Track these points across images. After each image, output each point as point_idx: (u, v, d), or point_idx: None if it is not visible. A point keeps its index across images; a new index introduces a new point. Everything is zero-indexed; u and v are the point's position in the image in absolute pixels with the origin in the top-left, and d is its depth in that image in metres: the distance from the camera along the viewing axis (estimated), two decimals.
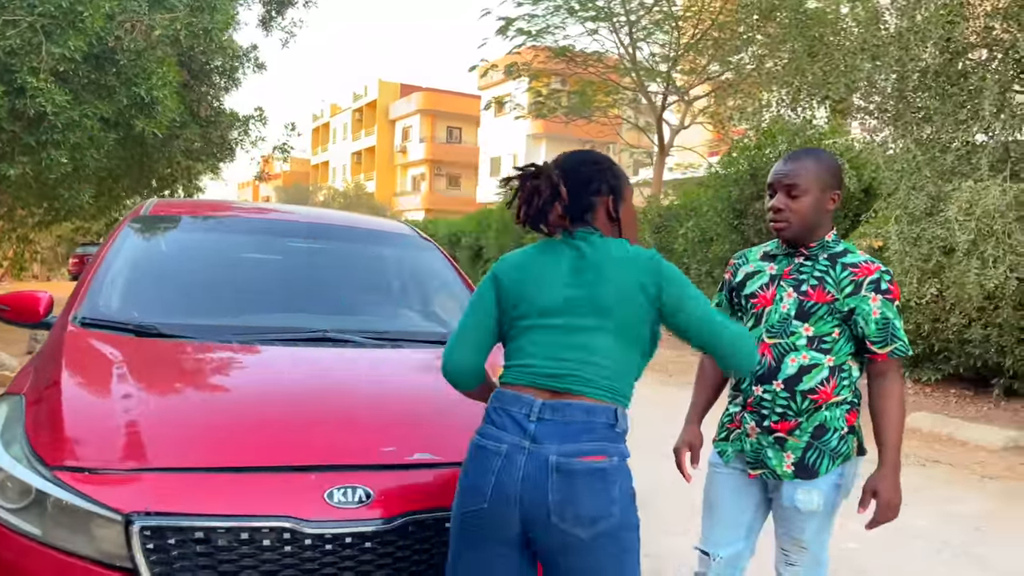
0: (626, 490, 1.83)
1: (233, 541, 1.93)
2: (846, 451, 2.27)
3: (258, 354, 2.70)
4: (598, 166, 1.99)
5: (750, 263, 2.43)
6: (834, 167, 2.28)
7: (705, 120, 18.16)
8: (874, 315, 2.20)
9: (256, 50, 12.76)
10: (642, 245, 2.00)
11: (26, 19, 8.50)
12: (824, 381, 2.22)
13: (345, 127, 60.29)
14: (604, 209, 1.97)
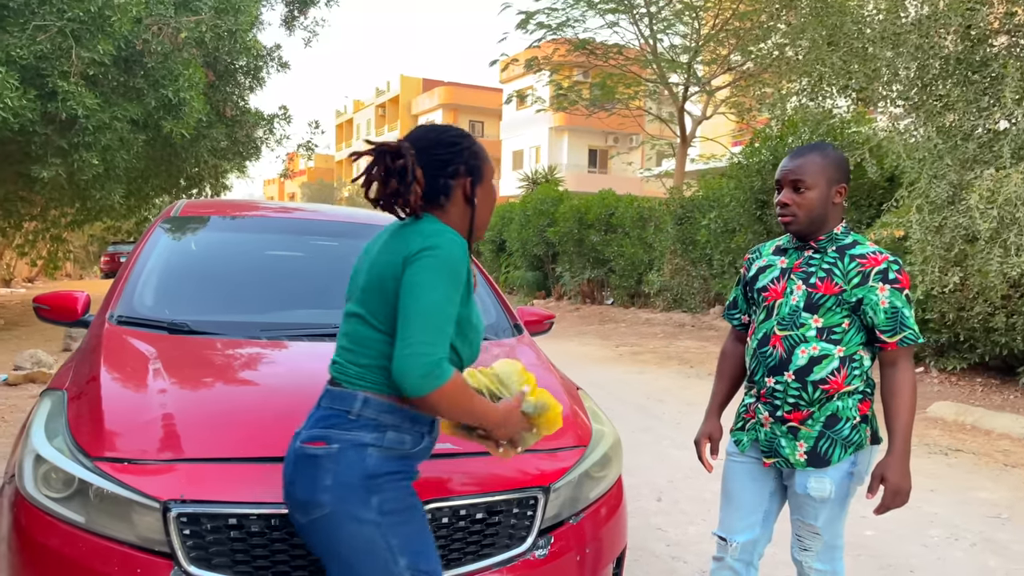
0: (346, 480, 1.71)
1: (264, 527, 2.02)
2: (859, 440, 2.32)
3: (285, 349, 2.81)
4: (456, 146, 1.87)
5: (763, 257, 2.49)
6: (839, 161, 2.33)
7: (727, 110, 18.07)
8: (882, 304, 2.24)
9: (279, 49, 12.92)
10: (485, 232, 2.08)
11: (56, 24, 8.72)
12: (835, 371, 2.27)
13: (368, 123, 60.61)
14: (461, 191, 1.88)
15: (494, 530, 2.25)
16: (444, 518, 2.17)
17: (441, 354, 1.67)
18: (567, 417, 2.67)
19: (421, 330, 1.66)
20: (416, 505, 1.84)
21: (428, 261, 1.70)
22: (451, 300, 1.71)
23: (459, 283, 1.73)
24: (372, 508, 1.71)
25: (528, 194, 21.66)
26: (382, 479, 1.74)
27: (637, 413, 7.13)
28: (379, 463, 1.74)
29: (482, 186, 1.91)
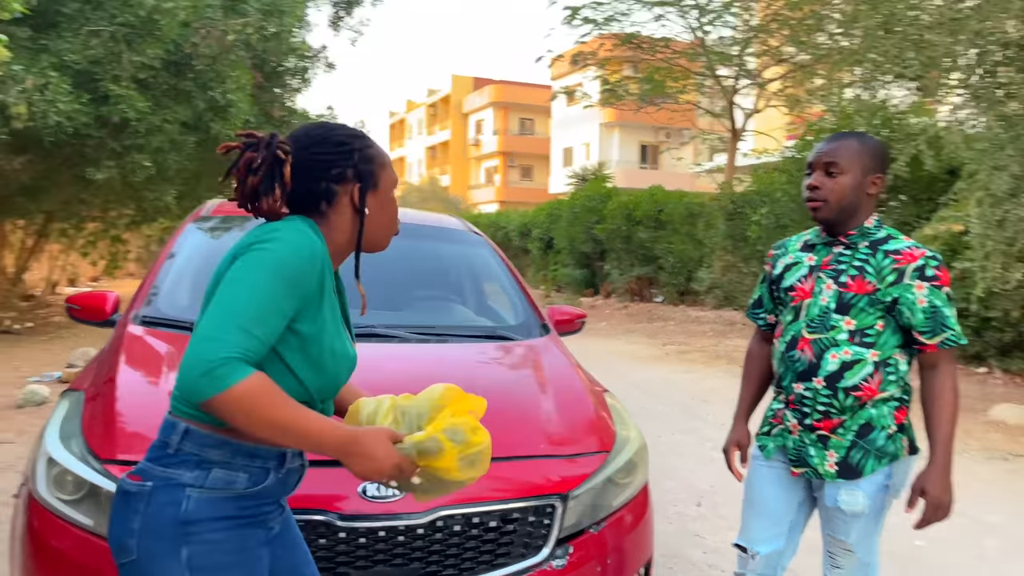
0: (154, 526, 1.43)
1: None
2: (894, 450, 2.16)
3: None
4: (344, 147, 1.60)
5: (789, 253, 2.33)
6: (878, 150, 2.18)
7: (780, 103, 17.62)
8: (920, 304, 2.08)
9: (326, 50, 13.06)
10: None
11: (108, 29, 8.92)
12: (868, 377, 2.12)
13: (420, 122, 61.07)
14: (348, 198, 1.59)
15: (509, 539, 2.17)
16: (456, 526, 2.10)
17: (231, 352, 1.32)
18: (591, 421, 2.59)
19: (213, 325, 1.35)
20: (244, 564, 1.49)
21: (253, 256, 1.43)
22: (272, 301, 1.40)
23: (293, 287, 1.43)
24: (181, 562, 1.41)
25: (576, 191, 21.50)
26: (199, 526, 1.43)
27: (681, 414, 6.97)
28: (198, 507, 1.43)
29: (375, 195, 1.62)
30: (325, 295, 1.54)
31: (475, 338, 3.08)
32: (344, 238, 1.62)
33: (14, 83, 7.58)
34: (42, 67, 8.05)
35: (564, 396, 2.68)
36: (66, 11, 8.98)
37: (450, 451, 1.52)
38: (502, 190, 48.49)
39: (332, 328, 1.56)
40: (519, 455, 2.32)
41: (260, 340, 1.38)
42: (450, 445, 1.52)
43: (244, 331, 1.36)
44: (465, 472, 1.57)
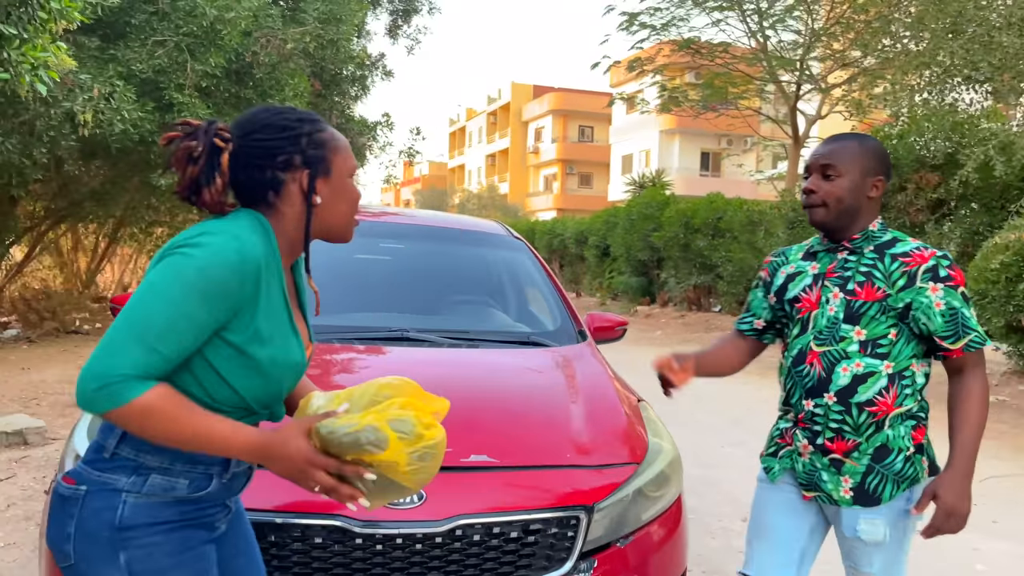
0: (89, 531, 1.39)
1: (286, 538, 1.97)
2: (913, 474, 2.02)
3: (334, 353, 2.76)
4: (288, 132, 1.48)
5: (790, 263, 2.19)
6: (879, 152, 2.06)
7: (844, 109, 17.15)
8: (937, 307, 1.95)
9: (384, 58, 13.21)
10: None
11: (173, 39, 9.18)
12: (883, 391, 1.97)
13: (480, 130, 61.47)
14: (298, 186, 1.48)
15: (530, 550, 2.11)
16: (476, 535, 2.05)
17: (127, 370, 1.28)
18: (622, 431, 2.50)
19: (115, 338, 1.30)
20: (187, 563, 1.44)
21: (172, 261, 1.35)
22: (183, 315, 1.32)
23: (212, 299, 1.34)
24: (119, 567, 1.37)
25: (633, 198, 21.29)
26: (137, 532, 1.39)
27: (732, 426, 6.79)
28: (134, 513, 1.39)
29: (327, 181, 1.50)
30: (261, 300, 1.43)
31: (508, 343, 3.03)
32: (299, 229, 1.51)
33: (81, 92, 7.85)
34: (108, 76, 8.32)
35: (595, 405, 2.60)
36: (134, 22, 9.28)
37: (395, 444, 1.36)
38: (560, 197, 48.42)
39: (272, 334, 1.45)
40: (544, 464, 2.26)
41: (164, 356, 1.32)
42: (395, 436, 1.36)
43: (146, 347, 1.30)
44: (414, 472, 1.40)
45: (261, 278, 1.42)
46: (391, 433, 1.36)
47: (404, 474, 1.40)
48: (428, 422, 1.41)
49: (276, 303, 1.47)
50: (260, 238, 1.44)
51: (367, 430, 1.36)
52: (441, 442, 1.44)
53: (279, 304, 1.48)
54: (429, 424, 1.41)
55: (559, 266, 24.51)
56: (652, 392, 2.98)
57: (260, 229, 1.46)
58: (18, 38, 4.82)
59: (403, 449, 1.37)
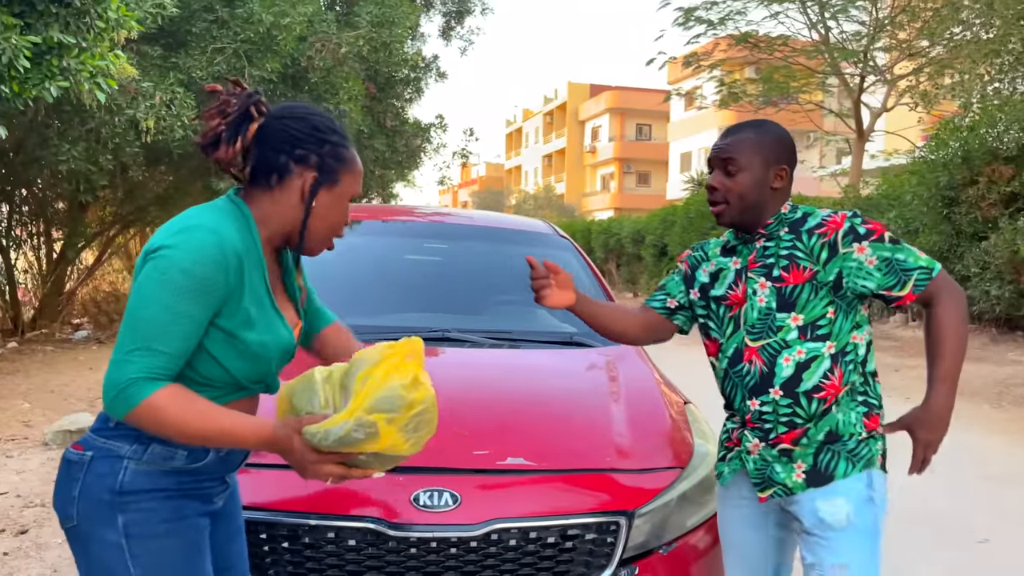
0: (93, 494, 1.47)
1: (319, 540, 1.95)
2: (868, 455, 1.90)
3: None
4: (319, 133, 1.55)
5: (711, 260, 2.08)
6: (779, 138, 1.96)
7: (911, 100, 16.53)
8: (870, 264, 1.85)
9: (437, 60, 13.27)
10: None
11: (231, 46, 9.38)
12: (827, 373, 1.87)
13: (536, 131, 61.47)
14: (300, 184, 1.54)
15: (568, 556, 2.05)
16: (512, 540, 2.00)
17: (135, 373, 1.37)
18: (666, 434, 2.43)
19: (120, 347, 1.40)
20: (180, 531, 1.51)
21: (155, 265, 1.41)
22: (175, 314, 1.39)
23: (200, 294, 1.41)
24: (117, 529, 1.46)
25: (691, 196, 20.97)
26: (135, 496, 1.47)
27: None
28: (134, 479, 1.47)
29: (330, 193, 1.56)
30: (246, 287, 1.49)
31: (551, 344, 2.98)
32: (282, 224, 1.56)
33: (144, 99, 8.07)
34: (169, 84, 8.54)
35: (638, 406, 2.53)
36: (194, 30, 9.51)
37: (386, 428, 1.34)
38: (617, 197, 48.06)
39: (258, 317, 1.51)
40: (583, 467, 2.20)
41: (168, 354, 1.40)
42: (384, 420, 1.33)
43: (148, 350, 1.38)
44: (415, 442, 1.39)
45: (243, 267, 1.48)
46: (378, 419, 1.34)
47: (407, 448, 1.40)
48: (411, 381, 1.37)
49: (258, 289, 1.53)
50: (237, 229, 1.49)
51: (354, 428, 1.34)
52: (430, 398, 1.40)
53: (261, 290, 1.54)
54: (414, 383, 1.38)
55: (616, 266, 24.29)
56: (701, 394, 2.89)
57: (239, 219, 1.52)
58: (77, 47, 4.96)
59: (396, 429, 1.36)
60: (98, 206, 11.91)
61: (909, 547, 3.98)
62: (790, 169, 1.96)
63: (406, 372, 1.38)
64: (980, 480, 5.18)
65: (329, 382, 1.44)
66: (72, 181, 8.91)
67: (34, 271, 11.46)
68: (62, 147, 8.00)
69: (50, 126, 8.21)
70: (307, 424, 1.38)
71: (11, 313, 10.47)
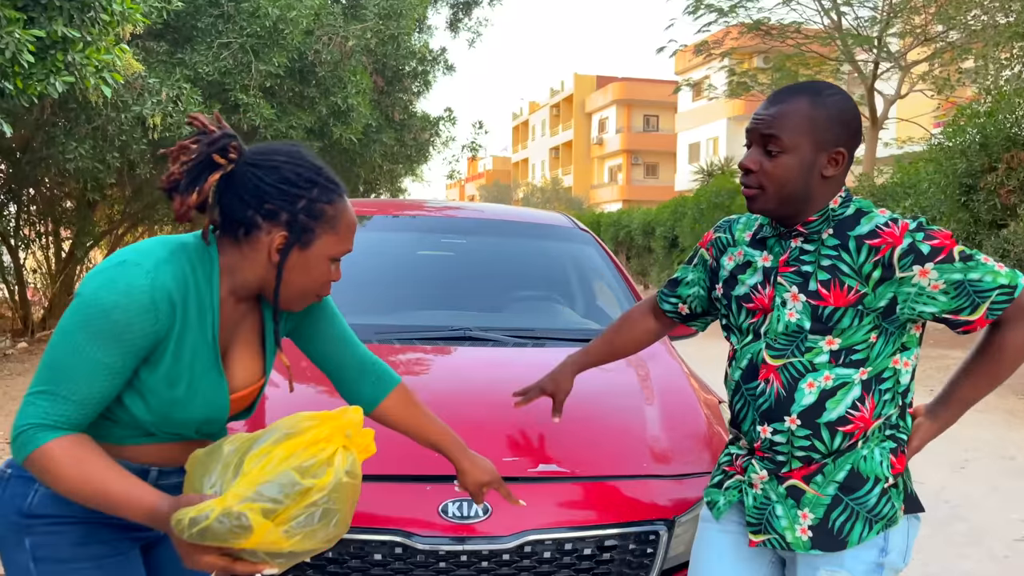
0: (6, 514, 1.40)
1: (342, 554, 1.85)
2: (890, 512, 1.57)
3: (395, 355, 2.63)
4: (291, 187, 1.34)
5: (738, 246, 1.73)
6: (841, 112, 1.56)
7: (926, 87, 16.30)
8: (934, 289, 1.50)
9: (445, 53, 13.14)
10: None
11: (237, 41, 9.27)
12: (857, 403, 1.55)
13: (543, 123, 61.23)
14: (268, 242, 1.36)
15: (605, 568, 1.94)
16: (546, 552, 1.89)
17: (32, 419, 1.25)
18: (703, 436, 2.31)
19: (31, 386, 1.29)
20: (91, 556, 1.41)
21: (79, 302, 1.29)
22: (85, 360, 1.26)
23: (113, 341, 1.26)
24: (26, 551, 1.39)
25: (702, 187, 20.79)
26: (41, 520, 1.38)
27: None
28: (43, 502, 1.38)
29: (304, 254, 1.37)
30: (174, 337, 1.33)
31: (576, 342, 2.85)
32: (251, 279, 1.40)
33: (150, 95, 7.98)
34: (176, 80, 8.44)
35: (673, 407, 2.41)
36: (200, 26, 9.41)
37: (262, 524, 1.12)
38: (625, 188, 47.87)
39: (182, 373, 1.36)
40: (619, 474, 2.09)
41: (73, 401, 1.27)
42: (260, 511, 1.11)
43: (51, 394, 1.27)
44: (306, 537, 1.16)
45: (176, 315, 1.33)
46: (253, 510, 1.13)
47: (291, 546, 1.17)
48: (317, 463, 1.17)
49: (197, 341, 1.37)
50: (187, 272, 1.35)
51: (219, 519, 1.13)
52: (339, 486, 1.20)
53: (201, 342, 1.38)
54: (320, 465, 1.18)
55: (626, 258, 24.16)
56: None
57: (197, 262, 1.37)
58: (82, 41, 4.86)
59: (273, 525, 1.14)
60: (106, 204, 11.85)
61: (948, 544, 3.87)
62: (849, 152, 1.57)
63: (318, 451, 1.19)
64: (1015, 475, 5.05)
65: (235, 454, 1.24)
66: (80, 179, 8.83)
67: (43, 270, 11.41)
68: (69, 145, 7.92)
69: (56, 124, 8.12)
70: (183, 507, 1.20)
71: (21, 313, 10.42)
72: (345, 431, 1.24)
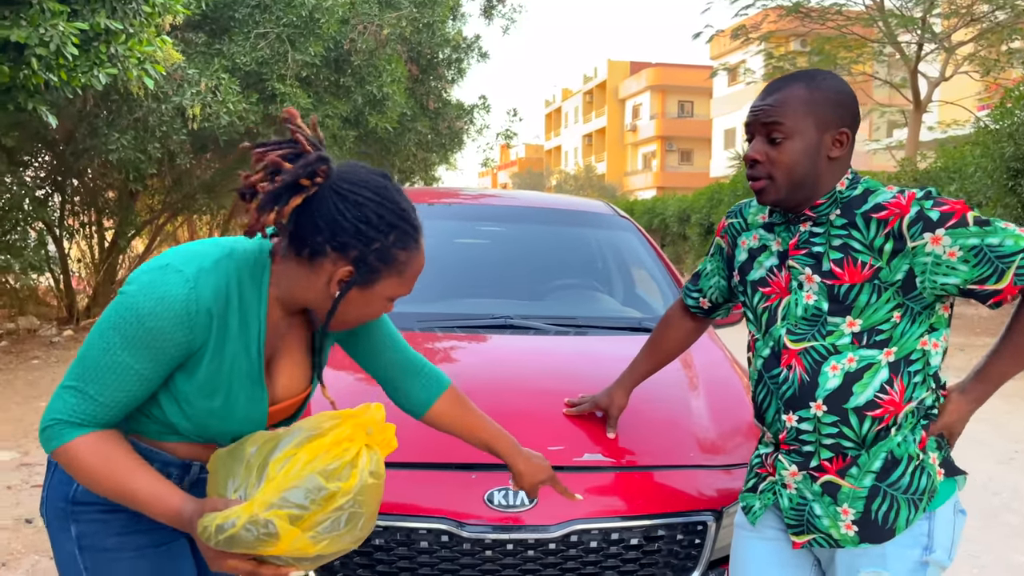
0: (53, 498, 1.44)
1: (389, 541, 1.85)
2: (929, 485, 1.53)
3: (437, 343, 2.63)
4: (369, 227, 1.28)
5: (752, 230, 1.72)
6: (839, 93, 1.55)
7: (972, 69, 15.87)
8: (951, 256, 1.45)
9: (479, 40, 13.10)
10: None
11: (274, 31, 9.34)
12: (885, 386, 1.50)
13: (576, 110, 60.92)
14: (327, 272, 1.31)
15: (652, 559, 1.92)
16: (593, 542, 1.87)
17: (59, 414, 1.26)
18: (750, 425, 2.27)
19: (64, 378, 1.30)
20: (133, 546, 1.42)
21: (119, 302, 1.27)
22: (114, 361, 1.25)
23: (145, 346, 1.25)
24: (72, 537, 1.42)
25: (738, 173, 20.54)
26: (86, 508, 1.40)
27: None
28: (87, 491, 1.37)
29: (364, 293, 1.34)
30: (212, 348, 1.30)
31: (618, 330, 2.83)
32: (302, 298, 1.37)
33: (189, 86, 8.07)
34: (214, 70, 8.53)
35: (718, 396, 2.37)
36: (237, 16, 9.49)
37: (288, 530, 1.11)
38: (660, 175, 47.46)
39: (221, 383, 1.34)
40: (665, 464, 2.06)
41: (100, 403, 1.27)
42: (287, 518, 1.10)
43: (79, 392, 1.27)
44: (333, 542, 1.15)
45: (214, 326, 1.30)
46: (280, 517, 1.12)
47: (320, 551, 1.17)
48: (341, 466, 1.16)
49: (239, 352, 1.34)
50: (225, 281, 1.31)
51: (246, 526, 1.12)
52: (364, 488, 1.19)
53: (243, 353, 1.35)
54: (344, 468, 1.16)
55: (660, 246, 24.01)
56: None
57: (248, 270, 1.34)
58: (124, 32, 4.92)
59: (300, 532, 1.13)
60: (147, 194, 12.05)
61: (999, 537, 3.79)
62: (852, 132, 1.56)
63: (341, 452, 1.18)
64: None
65: (258, 455, 1.22)
66: (122, 170, 8.98)
67: (87, 260, 11.64)
68: (111, 136, 8.05)
69: (99, 115, 8.26)
70: (208, 511, 1.20)
71: (66, 301, 10.65)
72: (367, 428, 1.23)
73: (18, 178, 9.53)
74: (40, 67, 4.67)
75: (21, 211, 9.44)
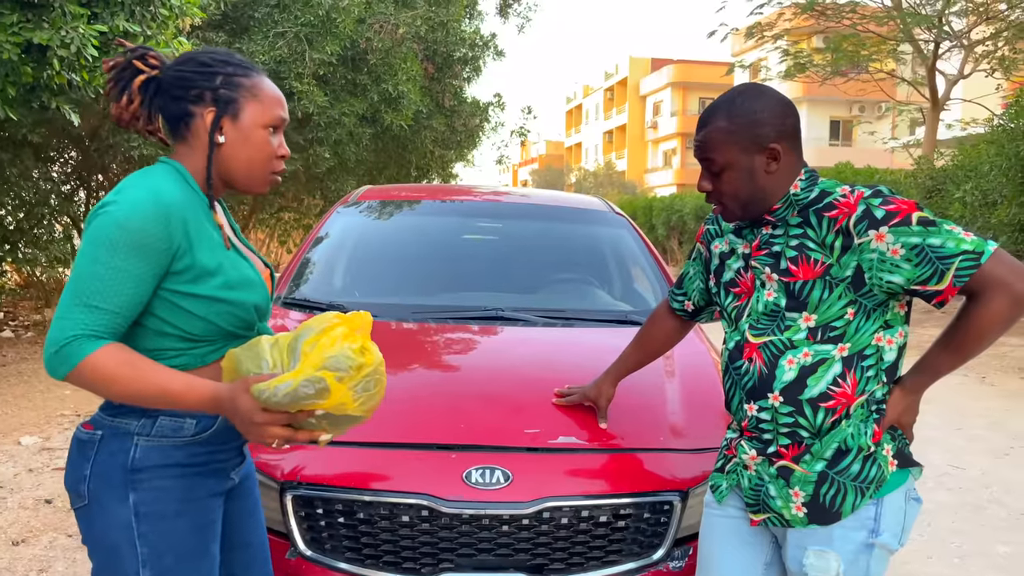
0: (104, 472, 1.46)
1: (373, 515, 1.99)
2: (878, 475, 1.62)
3: (428, 333, 2.76)
4: (208, 68, 1.52)
5: (724, 235, 1.84)
6: (754, 114, 1.62)
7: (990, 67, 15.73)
8: (894, 254, 1.52)
9: (495, 38, 13.20)
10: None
11: (292, 30, 9.52)
12: (838, 379, 1.60)
13: (597, 107, 60.84)
14: (202, 127, 1.52)
15: (621, 535, 2.04)
16: (564, 518, 2.00)
17: (75, 330, 1.35)
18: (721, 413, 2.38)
19: (62, 304, 1.38)
20: (191, 512, 1.51)
21: (93, 224, 1.40)
22: (116, 271, 1.37)
23: (139, 251, 1.38)
24: (128, 507, 1.45)
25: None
26: (148, 474, 1.46)
27: None
28: (146, 455, 1.46)
29: (234, 125, 1.52)
30: (194, 241, 1.47)
31: (604, 322, 2.95)
32: (204, 166, 1.53)
33: None
34: None
35: (693, 385, 2.49)
36: (257, 15, 9.69)
37: (337, 387, 1.34)
38: (680, 172, 47.31)
39: (219, 266, 1.50)
40: (636, 447, 2.18)
41: (109, 311, 1.38)
42: (334, 378, 1.33)
43: (88, 307, 1.37)
44: (363, 402, 1.39)
45: (187, 219, 1.46)
46: (329, 377, 1.34)
47: (354, 408, 1.39)
48: (361, 346, 1.38)
49: (213, 239, 1.52)
50: (174, 184, 1.48)
51: (304, 384, 1.33)
52: (380, 364, 1.41)
53: (216, 239, 1.53)
54: (363, 348, 1.38)
55: (678, 243, 23.97)
56: None
57: (175, 176, 1.51)
58: (142, 35, 5.10)
59: (346, 388, 1.36)
60: None
61: (986, 529, 3.86)
62: (787, 142, 1.64)
63: (355, 340, 1.38)
64: None
65: (276, 347, 1.42)
66: (144, 166, 9.19)
67: None
68: (133, 134, 8.25)
69: None
70: (254, 383, 1.35)
71: None
72: (360, 328, 1.42)
73: (45, 174, 9.79)
74: (63, 67, 4.86)
75: (47, 206, 9.70)
